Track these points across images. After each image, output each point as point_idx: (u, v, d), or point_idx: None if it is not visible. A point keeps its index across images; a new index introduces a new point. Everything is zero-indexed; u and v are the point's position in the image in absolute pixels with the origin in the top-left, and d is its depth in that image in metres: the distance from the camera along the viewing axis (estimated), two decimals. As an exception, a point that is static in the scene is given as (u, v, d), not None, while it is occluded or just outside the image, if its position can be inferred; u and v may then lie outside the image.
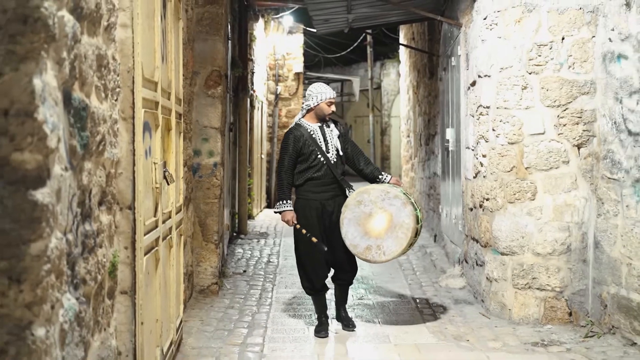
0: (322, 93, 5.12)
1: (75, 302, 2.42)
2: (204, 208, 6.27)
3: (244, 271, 7.52)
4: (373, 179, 5.25)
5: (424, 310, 5.84)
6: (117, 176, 3.07)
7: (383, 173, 5.27)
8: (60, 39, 2.20)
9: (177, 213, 4.39)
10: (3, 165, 2.01)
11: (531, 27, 5.26)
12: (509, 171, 5.38)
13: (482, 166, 5.71)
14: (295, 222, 5.02)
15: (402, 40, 13.57)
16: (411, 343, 4.89)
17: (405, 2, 7.22)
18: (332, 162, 5.11)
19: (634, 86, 4.63)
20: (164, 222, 3.86)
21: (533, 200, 5.30)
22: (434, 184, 9.47)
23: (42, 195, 2.06)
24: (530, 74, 5.29)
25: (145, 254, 3.33)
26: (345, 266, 5.19)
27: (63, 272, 2.27)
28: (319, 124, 5.18)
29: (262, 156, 13.79)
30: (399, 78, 16.07)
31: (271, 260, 8.25)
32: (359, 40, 18.52)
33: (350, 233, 4.93)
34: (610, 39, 4.91)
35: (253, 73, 11.69)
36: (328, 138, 5.15)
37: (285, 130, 5.28)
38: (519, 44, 5.30)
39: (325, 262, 5.14)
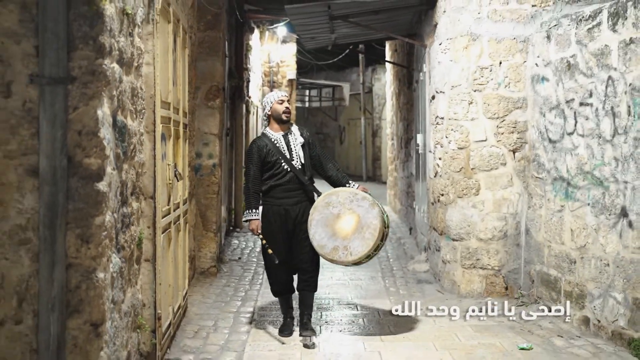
0: (270, 96, 5.29)
1: (119, 260, 3.52)
2: (204, 202, 7.38)
3: (239, 258, 8.61)
4: (340, 186, 5.28)
5: (390, 288, 6.94)
6: (142, 174, 4.16)
7: (351, 181, 5.33)
8: (112, 82, 3.29)
9: (183, 204, 5.49)
10: (78, 166, 3.11)
11: (475, 53, 6.37)
12: (458, 171, 6.48)
13: (438, 167, 6.81)
14: (260, 232, 5.08)
15: (387, 50, 14.68)
16: (374, 310, 5.99)
17: (379, 25, 8.32)
18: (297, 168, 5.16)
19: (553, 103, 5.75)
20: (174, 210, 4.95)
21: (477, 195, 6.41)
22: (410, 183, 10.57)
23: (102, 186, 3.16)
24: (475, 91, 6.39)
25: (162, 233, 4.43)
26: (307, 267, 5.19)
27: (113, 238, 3.37)
28: (282, 133, 5.23)
29: (258, 157, 14.83)
30: (387, 84, 17.13)
31: (263, 249, 9.33)
32: (350, 48, 19.57)
33: (318, 234, 5.01)
34: (536, 64, 6.03)
35: (249, 81, 12.76)
36: (292, 146, 5.20)
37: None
38: (466, 66, 6.41)
39: (284, 265, 5.21)
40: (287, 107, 5.23)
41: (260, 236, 5.11)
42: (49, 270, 3.05)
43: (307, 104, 24.89)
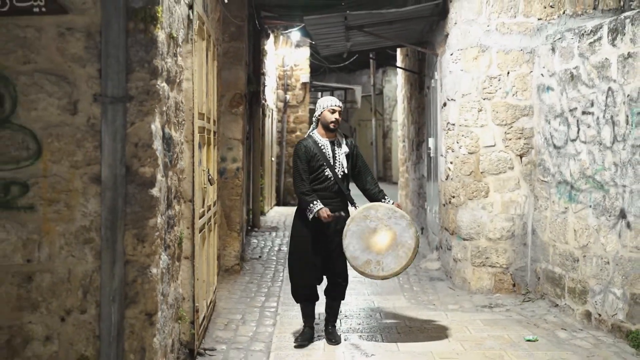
0: (324, 101, 5.28)
1: (167, 258, 3.95)
2: (228, 203, 7.81)
3: (260, 257, 9.05)
4: (376, 201, 5.27)
5: (404, 286, 7.35)
6: (183, 180, 4.59)
7: (386, 196, 5.33)
8: (162, 100, 3.72)
9: (213, 206, 5.91)
10: (134, 175, 3.54)
11: (485, 63, 6.77)
12: (468, 175, 6.88)
13: (450, 171, 7.21)
14: (330, 213, 5.04)
15: (398, 54, 15.07)
16: (390, 306, 6.40)
17: (393, 34, 8.72)
18: (339, 177, 5.20)
19: (557, 111, 6.14)
20: (207, 211, 5.38)
21: (486, 197, 6.81)
22: (422, 184, 10.95)
23: (154, 191, 3.59)
24: (484, 99, 6.79)
25: (199, 233, 4.85)
26: (340, 280, 5.28)
27: (163, 238, 3.79)
28: (330, 140, 5.28)
29: (273, 159, 15.30)
30: (398, 86, 17.49)
31: (281, 248, 9.76)
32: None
33: (352, 245, 5.01)
34: (542, 74, 6.42)
35: (265, 86, 13.19)
36: (337, 154, 5.24)
37: (293, 135, 5.80)
38: (476, 76, 6.81)
39: (313, 272, 5.24)
40: (336, 118, 5.21)
41: (336, 214, 5.09)
42: (110, 266, 3.48)
43: (318, 106, 25.21)
